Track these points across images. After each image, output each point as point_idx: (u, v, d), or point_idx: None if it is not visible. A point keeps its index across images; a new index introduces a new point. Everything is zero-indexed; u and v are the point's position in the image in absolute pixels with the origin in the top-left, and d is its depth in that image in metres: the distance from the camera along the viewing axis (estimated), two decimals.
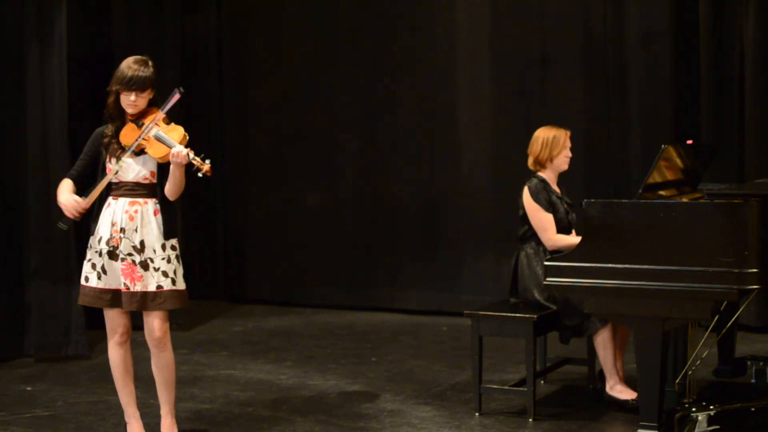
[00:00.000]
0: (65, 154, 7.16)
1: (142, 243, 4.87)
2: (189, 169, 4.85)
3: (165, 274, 4.90)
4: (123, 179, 4.92)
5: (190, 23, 9.40)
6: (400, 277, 8.93)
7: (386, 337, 7.88)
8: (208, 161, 4.80)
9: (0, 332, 7.12)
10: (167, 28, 8.54)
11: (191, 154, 4.79)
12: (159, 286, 4.89)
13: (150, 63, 4.93)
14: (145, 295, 4.87)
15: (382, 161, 9.01)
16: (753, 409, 5.44)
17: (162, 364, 5.01)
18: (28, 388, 6.39)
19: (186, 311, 7.73)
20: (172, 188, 4.90)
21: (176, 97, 4.90)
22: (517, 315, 5.54)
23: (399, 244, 8.94)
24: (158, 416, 5.14)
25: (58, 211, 7.26)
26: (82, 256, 5.08)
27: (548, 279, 5.03)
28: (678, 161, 5.54)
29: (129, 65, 4.88)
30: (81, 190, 4.98)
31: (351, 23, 9.07)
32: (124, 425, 5.13)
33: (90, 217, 4.99)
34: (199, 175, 4.80)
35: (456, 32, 8.65)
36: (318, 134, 9.24)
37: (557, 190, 5.90)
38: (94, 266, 4.93)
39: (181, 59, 8.75)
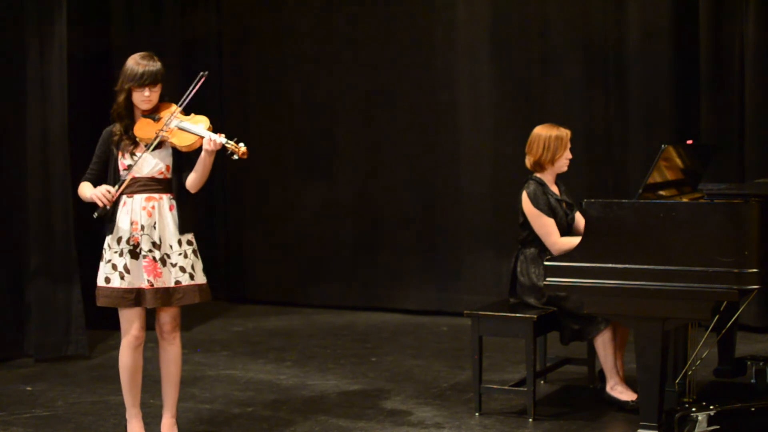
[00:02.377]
0: (65, 154, 7.16)
1: (160, 239, 4.88)
2: (223, 153, 4.82)
3: (182, 269, 4.91)
4: (137, 175, 4.90)
5: (190, 23, 9.39)
6: (400, 277, 8.92)
7: (386, 337, 7.88)
8: (242, 144, 4.77)
9: (0, 332, 7.12)
10: (167, 28, 8.54)
11: (224, 139, 4.79)
12: (177, 282, 4.91)
13: (155, 57, 4.93)
14: (166, 291, 4.88)
15: (382, 161, 9.00)
16: (753, 409, 5.43)
17: (170, 357, 5.03)
18: (28, 388, 6.38)
19: (186, 311, 7.69)
20: (198, 178, 4.89)
21: (201, 80, 4.89)
22: (517, 315, 5.53)
23: (399, 244, 8.94)
24: (158, 416, 5.14)
25: (59, 210, 7.26)
26: (81, 256, 5.06)
27: (548, 279, 5.02)
28: (678, 161, 5.53)
29: (137, 61, 4.88)
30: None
31: (351, 23, 9.06)
32: (124, 425, 5.12)
33: (104, 217, 4.97)
34: (234, 158, 4.76)
35: (456, 32, 8.65)
36: (318, 134, 9.23)
37: (555, 190, 5.84)
38: (114, 267, 4.89)
39: (181, 59, 8.75)
